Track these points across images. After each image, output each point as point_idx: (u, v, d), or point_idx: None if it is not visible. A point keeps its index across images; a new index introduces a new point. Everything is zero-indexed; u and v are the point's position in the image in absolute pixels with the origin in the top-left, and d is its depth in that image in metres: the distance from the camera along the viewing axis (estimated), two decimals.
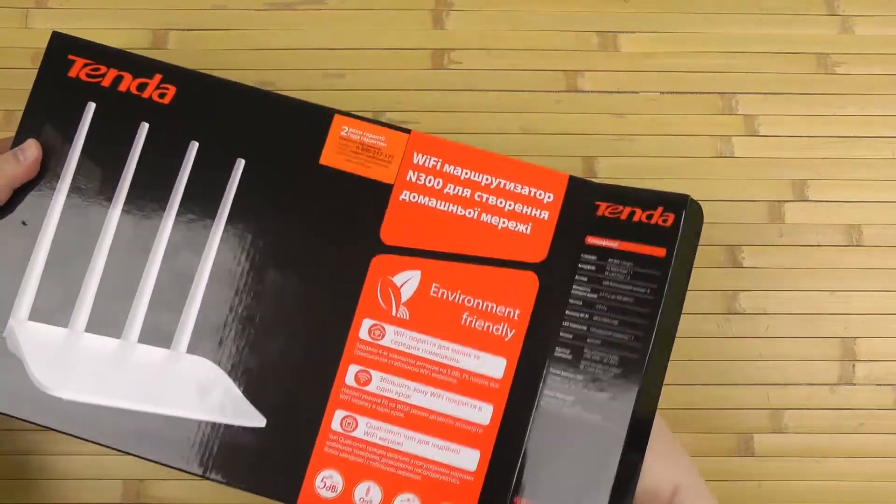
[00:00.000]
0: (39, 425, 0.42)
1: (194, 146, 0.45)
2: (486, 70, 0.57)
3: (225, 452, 0.43)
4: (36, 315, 0.44)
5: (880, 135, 0.57)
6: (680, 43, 0.58)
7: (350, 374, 0.44)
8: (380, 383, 0.44)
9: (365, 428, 0.44)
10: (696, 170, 0.56)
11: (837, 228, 0.56)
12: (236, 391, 0.44)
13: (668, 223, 0.43)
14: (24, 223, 0.44)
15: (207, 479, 0.43)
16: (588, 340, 0.43)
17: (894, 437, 0.52)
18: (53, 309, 0.44)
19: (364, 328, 0.45)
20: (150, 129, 0.45)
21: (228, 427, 0.43)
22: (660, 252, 0.43)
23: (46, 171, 0.45)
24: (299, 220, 0.45)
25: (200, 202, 0.45)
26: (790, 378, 0.54)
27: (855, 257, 0.55)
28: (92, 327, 0.44)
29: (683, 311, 0.51)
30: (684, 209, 0.43)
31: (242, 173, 0.45)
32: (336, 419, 0.44)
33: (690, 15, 0.59)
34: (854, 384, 0.53)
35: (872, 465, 0.53)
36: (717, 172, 0.56)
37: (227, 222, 0.45)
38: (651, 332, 0.42)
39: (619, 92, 0.57)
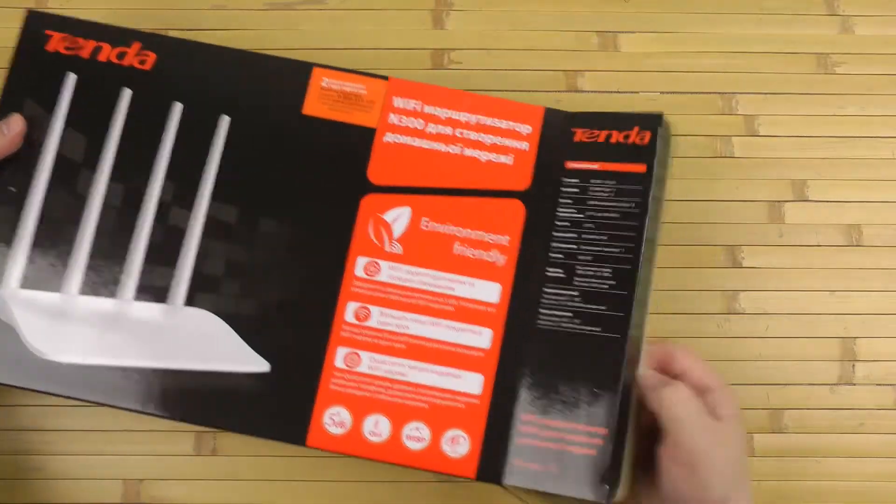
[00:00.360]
0: (39, 391, 0.43)
1: (178, 107, 0.46)
2: (486, 70, 0.57)
3: (231, 401, 0.44)
4: (28, 283, 0.44)
5: (880, 135, 0.57)
6: (680, 43, 0.58)
7: (349, 311, 0.45)
8: (379, 317, 0.45)
9: (368, 362, 0.44)
10: (696, 170, 0.56)
11: (837, 228, 0.56)
12: (237, 339, 0.44)
13: (646, 141, 0.45)
14: (11, 189, 0.45)
15: (216, 428, 0.43)
16: (579, 258, 0.45)
17: (894, 437, 0.52)
18: (45, 276, 0.44)
19: (359, 266, 0.45)
20: (133, 95, 0.46)
21: (232, 375, 0.44)
22: (640, 168, 0.45)
23: (32, 144, 0.45)
24: (287, 168, 0.46)
25: (188, 159, 0.46)
26: (790, 378, 0.54)
27: (855, 257, 0.55)
28: (86, 290, 0.44)
29: (683, 311, 0.51)
30: (659, 126, 0.45)
31: (228, 129, 0.46)
32: (339, 356, 0.44)
33: (690, 15, 0.59)
34: (854, 384, 0.53)
35: (872, 465, 0.53)
36: (717, 172, 0.56)
37: (216, 176, 0.46)
38: (640, 243, 0.44)
39: (619, 92, 0.57)
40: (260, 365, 0.44)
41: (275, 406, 0.44)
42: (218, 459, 0.51)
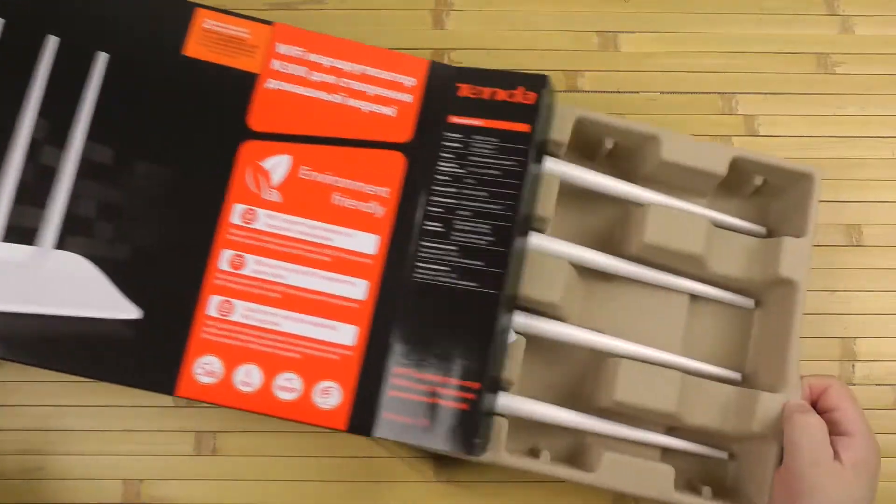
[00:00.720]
0: None
1: (53, 41, 0.45)
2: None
3: (99, 348, 0.43)
4: None
5: (880, 135, 0.57)
6: (680, 43, 0.58)
7: (223, 259, 0.44)
8: (254, 266, 0.44)
9: (242, 311, 0.44)
10: None
11: (837, 228, 0.56)
12: (108, 284, 0.43)
13: (530, 100, 0.46)
14: None
15: (82, 376, 0.43)
16: (458, 213, 0.45)
17: (894, 437, 0.52)
18: None
19: (236, 213, 0.45)
20: (5, 24, 0.45)
21: (101, 321, 0.43)
22: (524, 127, 0.46)
23: None
24: (164, 109, 0.45)
25: (63, 96, 0.45)
26: None
27: (855, 257, 0.55)
28: None
29: None
30: (544, 87, 0.46)
31: (106, 67, 0.45)
32: (212, 305, 0.44)
33: (690, 15, 0.59)
34: (854, 384, 0.53)
35: None
36: None
37: (92, 115, 0.45)
38: (519, 201, 0.45)
39: (619, 92, 0.57)
40: (130, 311, 0.43)
41: (144, 354, 0.43)
42: (218, 459, 0.51)
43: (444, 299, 0.44)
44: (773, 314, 0.51)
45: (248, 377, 0.43)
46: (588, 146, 0.52)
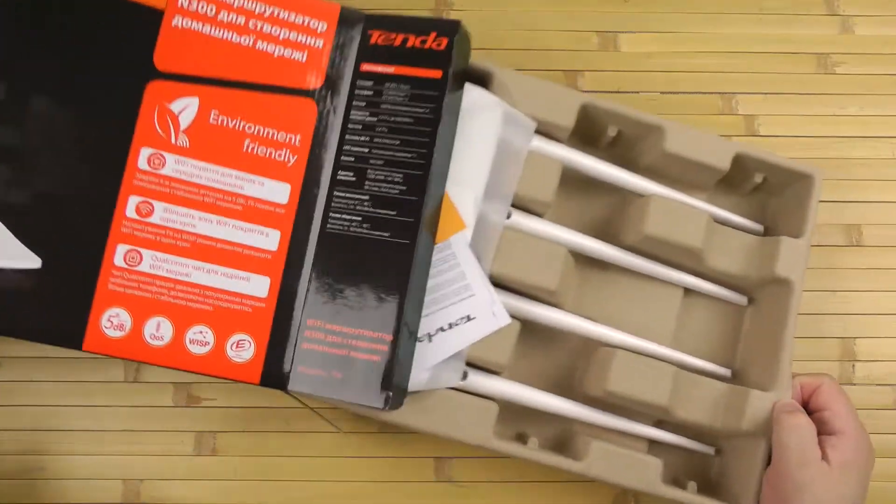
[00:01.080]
0: None
1: None
2: None
3: None
4: None
5: (880, 135, 0.57)
6: (680, 43, 0.58)
7: (130, 205, 0.43)
8: (163, 214, 0.43)
9: (150, 261, 0.43)
10: None
11: (837, 228, 0.56)
12: (4, 231, 0.42)
13: (442, 47, 0.45)
14: None
15: None
16: (370, 162, 0.44)
17: (894, 437, 0.52)
18: None
19: (143, 157, 0.43)
20: None
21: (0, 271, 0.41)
22: (436, 74, 0.44)
23: None
24: (65, 45, 0.43)
25: None
26: None
27: (855, 257, 0.55)
28: None
29: None
30: (456, 34, 0.45)
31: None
32: (119, 254, 0.42)
33: (690, 15, 0.59)
34: (853, 384, 0.53)
35: None
36: None
37: None
38: (432, 149, 0.44)
39: (619, 92, 0.57)
40: (30, 260, 0.41)
41: (48, 307, 0.41)
42: (218, 459, 0.51)
43: (357, 249, 0.43)
44: (766, 312, 0.51)
45: (159, 331, 0.42)
46: (591, 133, 0.52)
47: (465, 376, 0.47)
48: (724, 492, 0.48)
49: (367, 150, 0.44)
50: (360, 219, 0.43)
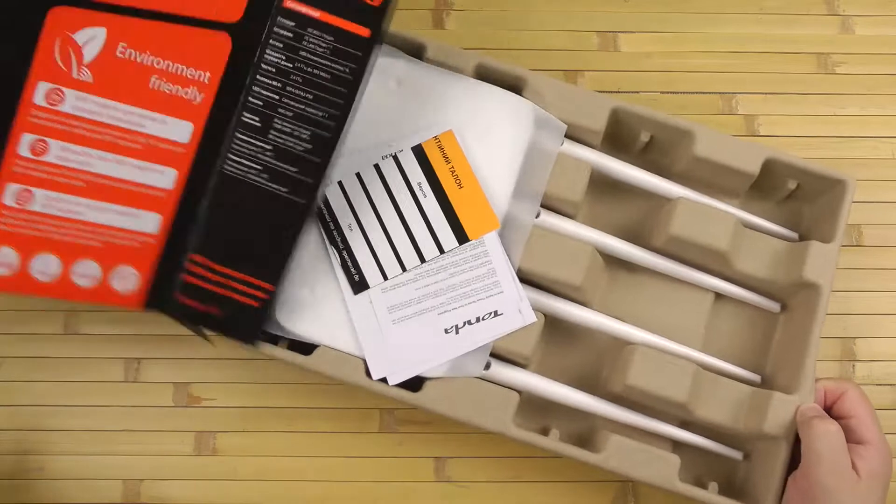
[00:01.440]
0: None
1: None
2: None
3: None
4: None
5: (880, 135, 0.57)
6: (680, 43, 0.58)
7: (23, 143, 0.41)
8: (59, 153, 0.41)
9: (41, 200, 0.42)
10: None
11: None
12: None
13: (376, 3, 0.42)
14: None
15: None
16: (279, 111, 0.43)
17: (894, 437, 0.52)
18: None
19: (40, 93, 0.40)
20: None
21: None
22: (364, 32, 0.42)
23: None
24: None
25: None
26: None
27: (855, 257, 0.55)
28: None
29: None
30: None
31: None
32: (8, 193, 0.41)
33: (690, 15, 0.59)
34: None
35: None
36: None
37: None
38: (346, 112, 0.43)
39: (619, 92, 0.57)
40: None
41: None
42: (218, 459, 0.51)
43: (252, 198, 0.43)
44: (796, 317, 0.51)
45: (45, 266, 0.42)
46: (624, 138, 0.53)
47: (488, 366, 0.47)
48: (747, 496, 0.48)
49: (277, 97, 0.43)
50: (259, 167, 0.43)
